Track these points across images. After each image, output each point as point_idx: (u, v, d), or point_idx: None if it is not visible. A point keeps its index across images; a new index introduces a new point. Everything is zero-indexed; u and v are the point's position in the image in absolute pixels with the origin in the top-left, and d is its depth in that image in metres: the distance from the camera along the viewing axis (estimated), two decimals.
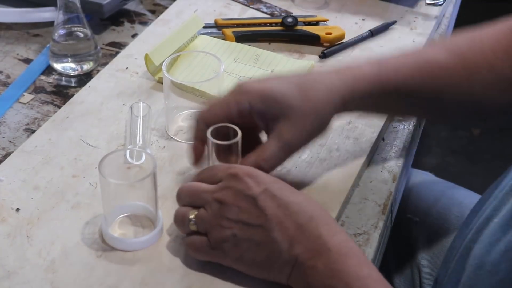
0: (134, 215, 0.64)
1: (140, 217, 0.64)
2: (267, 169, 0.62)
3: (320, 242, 0.55)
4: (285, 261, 0.56)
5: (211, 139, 0.61)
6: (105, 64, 0.86)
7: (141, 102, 0.75)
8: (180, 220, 0.60)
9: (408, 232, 0.88)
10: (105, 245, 0.61)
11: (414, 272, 0.86)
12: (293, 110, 0.62)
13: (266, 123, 0.63)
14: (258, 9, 0.98)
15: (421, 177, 0.96)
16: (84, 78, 0.85)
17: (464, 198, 0.89)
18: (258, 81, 0.65)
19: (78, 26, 0.84)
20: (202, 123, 0.63)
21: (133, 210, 0.64)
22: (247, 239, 0.56)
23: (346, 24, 0.95)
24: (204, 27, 0.91)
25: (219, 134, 0.62)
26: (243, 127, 0.62)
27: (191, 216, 0.58)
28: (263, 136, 0.66)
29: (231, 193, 0.57)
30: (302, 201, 0.58)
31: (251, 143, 0.65)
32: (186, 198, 0.60)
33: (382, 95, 0.66)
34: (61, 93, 0.82)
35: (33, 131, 0.75)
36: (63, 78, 0.85)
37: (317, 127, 0.64)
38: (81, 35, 0.85)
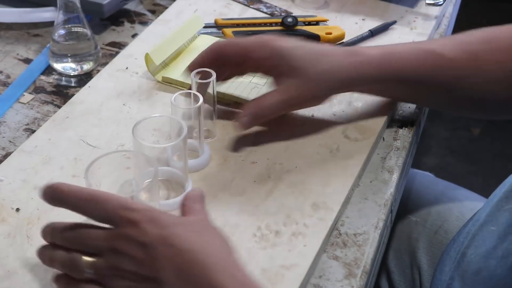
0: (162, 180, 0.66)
1: (168, 182, 0.66)
2: (261, 116, 0.68)
3: None
4: None
5: (193, 78, 0.68)
6: (105, 64, 0.86)
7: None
8: (71, 265, 0.54)
9: (408, 232, 0.88)
10: None
11: (414, 272, 0.86)
12: (304, 73, 0.67)
13: (274, 76, 0.69)
14: (258, 9, 0.98)
15: (421, 177, 0.96)
16: (84, 78, 0.85)
17: (464, 198, 0.89)
18: (281, 40, 0.69)
19: (78, 26, 0.84)
20: (215, 52, 0.69)
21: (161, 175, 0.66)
22: None
23: (346, 24, 0.95)
24: (204, 27, 0.91)
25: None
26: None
27: (87, 266, 0.54)
28: None
29: (127, 242, 0.52)
30: (201, 248, 0.51)
31: None
32: (73, 242, 0.55)
33: (385, 82, 0.70)
34: (61, 93, 0.83)
35: (33, 131, 0.75)
36: (63, 78, 0.85)
37: (318, 95, 0.70)
38: (81, 35, 0.85)
